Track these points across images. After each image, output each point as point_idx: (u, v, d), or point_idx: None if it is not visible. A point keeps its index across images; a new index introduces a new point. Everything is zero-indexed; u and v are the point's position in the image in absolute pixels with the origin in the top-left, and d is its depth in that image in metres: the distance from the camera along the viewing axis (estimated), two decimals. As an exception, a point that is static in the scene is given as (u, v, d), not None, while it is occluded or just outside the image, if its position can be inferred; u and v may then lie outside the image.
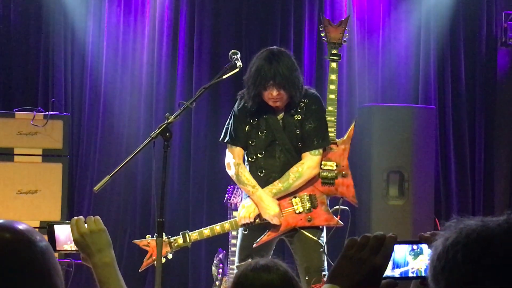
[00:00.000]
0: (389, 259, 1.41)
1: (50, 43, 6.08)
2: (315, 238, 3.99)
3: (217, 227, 4.03)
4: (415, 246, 1.48)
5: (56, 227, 1.96)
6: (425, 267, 1.48)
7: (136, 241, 4.05)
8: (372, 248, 1.40)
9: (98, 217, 1.93)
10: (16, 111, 5.34)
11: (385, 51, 6.37)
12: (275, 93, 3.90)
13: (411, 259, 1.47)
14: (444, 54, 6.37)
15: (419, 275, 1.50)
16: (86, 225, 1.91)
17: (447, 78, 6.36)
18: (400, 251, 1.45)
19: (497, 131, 6.42)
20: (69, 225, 1.92)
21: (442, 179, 6.26)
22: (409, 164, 5.57)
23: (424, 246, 1.48)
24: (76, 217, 1.93)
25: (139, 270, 4.08)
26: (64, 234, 1.95)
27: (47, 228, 1.96)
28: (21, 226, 1.40)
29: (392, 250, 1.41)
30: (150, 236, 3.97)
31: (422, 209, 5.59)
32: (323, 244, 4.02)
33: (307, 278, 3.93)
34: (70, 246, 1.95)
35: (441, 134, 6.28)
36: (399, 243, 1.45)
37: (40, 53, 6.08)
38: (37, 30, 6.10)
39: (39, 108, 5.42)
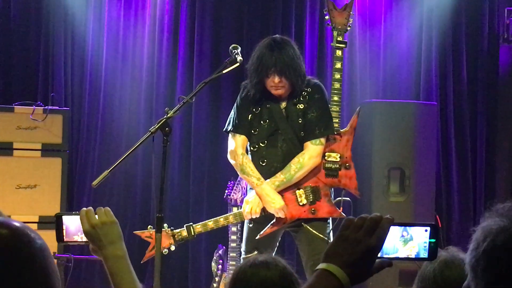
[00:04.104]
0: (384, 241, 1.42)
1: (50, 37, 6.05)
2: (322, 236, 3.98)
3: (221, 219, 4.02)
4: (405, 233, 1.46)
5: (65, 218, 1.92)
6: (415, 255, 1.46)
7: (138, 232, 4.01)
8: (367, 229, 1.41)
9: (108, 208, 1.89)
10: (15, 105, 5.31)
11: (386, 46, 6.35)
12: (276, 80, 3.89)
13: (400, 245, 1.46)
14: (446, 50, 6.35)
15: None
16: (96, 216, 1.87)
17: (448, 74, 6.34)
18: (390, 238, 1.44)
19: (499, 128, 6.40)
20: (78, 216, 1.88)
21: (443, 176, 6.24)
22: (410, 161, 5.55)
23: (415, 233, 1.47)
24: (85, 208, 1.88)
25: (141, 262, 4.02)
26: (73, 225, 1.91)
27: (55, 218, 1.92)
28: (17, 223, 1.36)
29: (387, 232, 1.42)
30: (151, 227, 3.94)
31: (423, 205, 5.57)
32: (329, 239, 4.00)
33: (313, 276, 3.90)
34: (81, 238, 1.91)
35: (442, 130, 6.26)
36: (396, 225, 1.46)
37: (40, 47, 6.06)
38: (37, 24, 6.07)
39: (39, 102, 5.40)
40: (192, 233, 3.99)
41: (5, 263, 1.29)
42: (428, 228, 1.46)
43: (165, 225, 3.94)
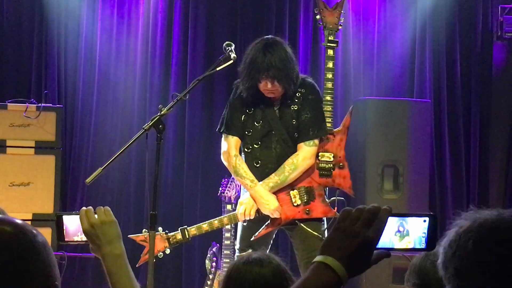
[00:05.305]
0: (382, 233, 1.40)
1: (44, 34, 6.04)
2: (316, 234, 3.98)
3: (216, 222, 4.01)
4: (401, 228, 1.44)
5: (65, 217, 1.93)
6: (411, 247, 1.46)
7: (133, 236, 3.98)
8: (365, 221, 1.38)
9: (108, 207, 1.91)
10: (8, 102, 5.31)
11: (380, 44, 6.35)
12: (269, 85, 3.88)
13: (396, 240, 1.44)
14: (440, 47, 6.35)
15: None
16: (96, 215, 1.89)
17: (442, 72, 6.34)
18: (386, 231, 1.42)
19: (492, 125, 6.41)
20: (78, 216, 1.90)
21: (437, 173, 6.25)
22: (404, 158, 5.56)
23: (411, 227, 1.45)
24: (85, 208, 1.90)
25: (136, 265, 4.00)
26: (73, 225, 1.93)
27: (56, 218, 1.94)
28: (19, 221, 1.40)
29: (385, 223, 1.40)
30: (146, 231, 3.92)
31: (417, 203, 5.57)
32: (323, 237, 3.99)
33: (307, 274, 3.90)
34: (80, 237, 1.93)
35: (436, 128, 6.26)
36: (394, 216, 1.43)
37: (34, 44, 6.04)
38: (30, 21, 6.06)
39: (32, 99, 5.39)
40: (187, 236, 3.98)
41: (10, 258, 1.33)
42: (427, 219, 1.45)
43: (159, 228, 3.92)
